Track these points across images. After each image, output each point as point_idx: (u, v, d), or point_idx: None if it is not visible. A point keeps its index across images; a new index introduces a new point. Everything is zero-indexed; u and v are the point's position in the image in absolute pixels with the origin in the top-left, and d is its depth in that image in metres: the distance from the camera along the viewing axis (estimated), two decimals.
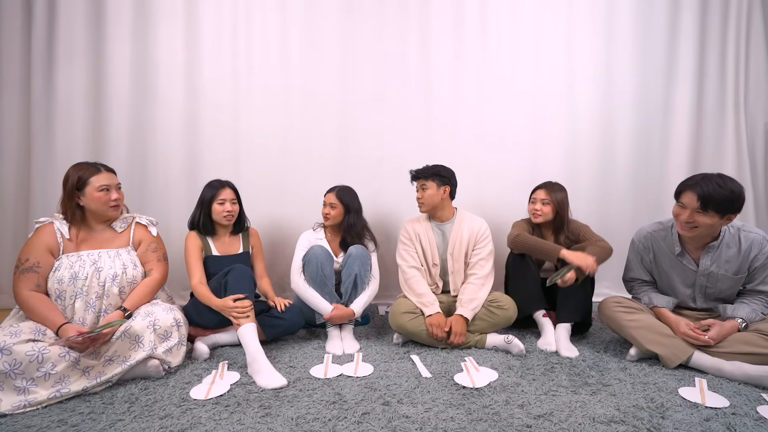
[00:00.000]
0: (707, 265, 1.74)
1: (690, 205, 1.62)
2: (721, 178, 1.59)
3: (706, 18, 2.81)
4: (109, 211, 1.73)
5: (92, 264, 1.65)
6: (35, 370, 1.40)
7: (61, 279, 1.60)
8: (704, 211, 1.58)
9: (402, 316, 1.96)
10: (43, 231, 1.65)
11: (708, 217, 1.59)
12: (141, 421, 1.32)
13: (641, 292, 1.95)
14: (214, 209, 2.03)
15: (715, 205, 1.56)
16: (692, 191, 1.61)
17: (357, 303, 2.09)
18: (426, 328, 1.94)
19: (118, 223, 1.79)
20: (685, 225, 1.65)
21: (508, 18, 2.78)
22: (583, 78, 2.80)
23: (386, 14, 2.73)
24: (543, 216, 2.16)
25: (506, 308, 1.99)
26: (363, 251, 2.13)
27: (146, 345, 1.58)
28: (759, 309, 1.73)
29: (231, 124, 2.68)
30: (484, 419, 1.32)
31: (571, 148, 2.83)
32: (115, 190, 1.74)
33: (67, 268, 1.62)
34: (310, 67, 2.71)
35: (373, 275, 2.18)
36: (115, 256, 1.72)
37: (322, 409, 1.39)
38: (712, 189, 1.56)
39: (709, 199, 1.56)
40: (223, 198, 2.03)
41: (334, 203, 2.20)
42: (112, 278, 1.67)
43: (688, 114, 2.81)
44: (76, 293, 1.61)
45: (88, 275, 1.63)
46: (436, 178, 2.13)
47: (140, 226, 1.85)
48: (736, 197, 1.56)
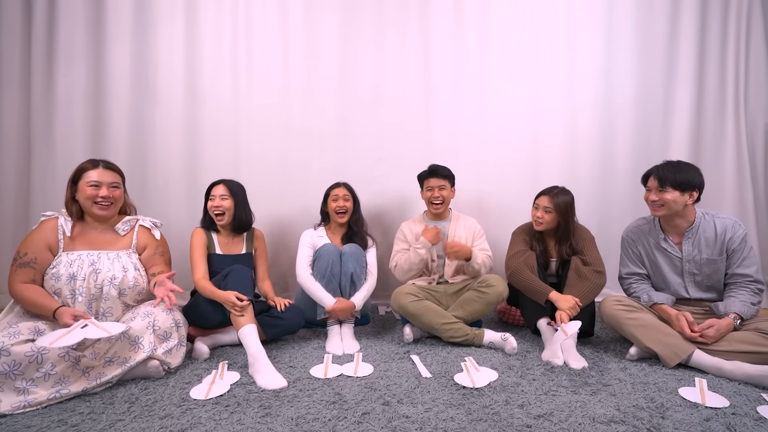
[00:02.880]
0: (690, 251, 1.88)
1: (653, 186, 1.87)
2: (676, 162, 1.87)
3: (706, 18, 2.81)
4: (94, 207, 1.67)
5: (90, 265, 1.64)
6: (35, 371, 1.39)
7: (58, 276, 1.59)
8: (663, 188, 1.82)
9: (404, 297, 2.00)
10: (46, 225, 1.64)
11: (669, 194, 1.82)
12: (141, 421, 1.31)
13: (640, 290, 1.96)
14: (208, 205, 2.08)
15: (671, 182, 1.81)
16: (652, 175, 1.89)
17: (357, 296, 2.12)
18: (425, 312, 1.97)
19: (121, 225, 1.76)
20: (653, 204, 1.87)
21: (508, 17, 2.79)
22: (583, 77, 2.81)
23: (386, 13, 2.73)
24: (545, 224, 2.11)
25: (494, 285, 2.03)
26: (356, 249, 2.15)
27: (146, 346, 1.58)
28: (747, 299, 1.77)
29: (231, 123, 2.68)
30: (484, 419, 1.32)
31: (571, 148, 2.83)
32: (107, 188, 1.68)
33: (66, 266, 1.61)
34: (309, 66, 2.71)
35: (370, 271, 2.21)
36: (115, 258, 1.70)
37: (322, 409, 1.39)
38: (666, 168, 1.84)
39: (665, 176, 1.82)
40: (213, 194, 2.07)
41: (347, 195, 2.25)
42: (110, 280, 1.65)
43: (688, 114, 2.81)
44: (73, 292, 1.61)
45: (86, 276, 1.62)
46: (450, 179, 2.25)
47: (144, 230, 1.83)
48: (689, 172, 1.81)
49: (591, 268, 2.00)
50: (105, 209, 1.69)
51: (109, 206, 1.70)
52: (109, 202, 1.69)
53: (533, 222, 2.16)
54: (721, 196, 2.82)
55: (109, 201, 1.69)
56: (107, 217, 1.73)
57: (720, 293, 1.88)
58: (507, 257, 2.15)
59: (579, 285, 1.96)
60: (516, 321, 2.33)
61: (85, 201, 1.66)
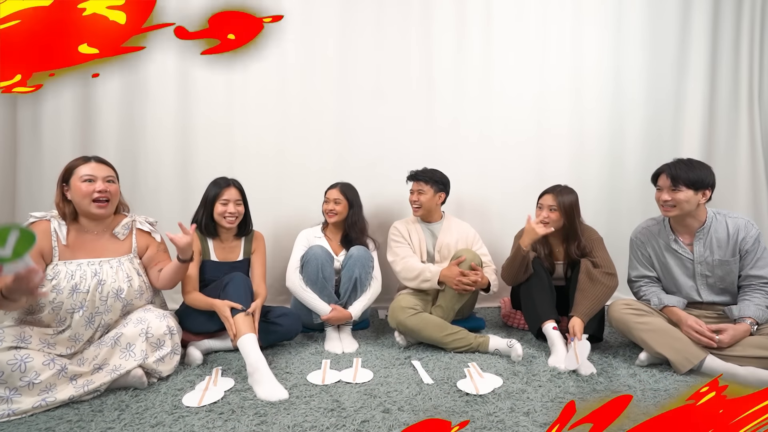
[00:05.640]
0: (701, 252, 1.83)
1: (664, 186, 1.80)
2: (688, 160, 1.81)
3: (719, 11, 2.76)
4: (92, 206, 1.55)
5: (93, 275, 1.54)
6: (18, 380, 1.34)
7: (59, 289, 1.48)
8: (676, 187, 1.76)
9: (402, 312, 1.94)
10: (37, 229, 1.52)
11: (682, 193, 1.75)
12: (131, 429, 1.28)
13: (650, 293, 1.91)
14: (216, 209, 1.92)
15: (684, 181, 1.75)
16: (663, 173, 1.82)
17: (355, 306, 2.06)
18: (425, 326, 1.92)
19: (120, 229, 1.67)
20: (665, 205, 1.81)
21: (512, 12, 2.73)
22: (591, 73, 2.75)
23: (387, 9, 2.67)
24: (551, 224, 2.05)
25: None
26: (365, 252, 2.10)
27: (137, 354, 1.52)
28: (762, 302, 1.73)
29: (225, 121, 2.60)
30: (488, 427, 1.28)
31: (578, 146, 2.78)
32: (103, 182, 1.57)
33: (67, 278, 1.50)
34: (307, 62, 2.65)
35: (375, 276, 2.15)
36: (118, 266, 1.61)
37: (320, 416, 1.35)
38: (678, 167, 1.78)
39: (678, 175, 1.76)
40: (226, 198, 1.92)
41: (338, 199, 2.17)
42: (116, 293, 1.57)
43: (700, 110, 2.76)
44: (74, 306, 1.51)
45: (90, 288, 1.52)
46: (433, 184, 2.20)
47: (142, 233, 1.74)
48: (702, 170, 1.76)
49: (602, 270, 1.96)
50: (103, 207, 1.58)
51: (107, 203, 1.59)
52: (106, 199, 1.58)
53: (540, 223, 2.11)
54: (734, 195, 2.77)
55: (106, 197, 1.58)
56: (105, 216, 1.62)
57: (734, 296, 1.83)
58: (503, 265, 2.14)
59: (591, 288, 1.92)
60: (521, 326, 2.28)
61: (81, 200, 1.55)
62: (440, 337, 1.91)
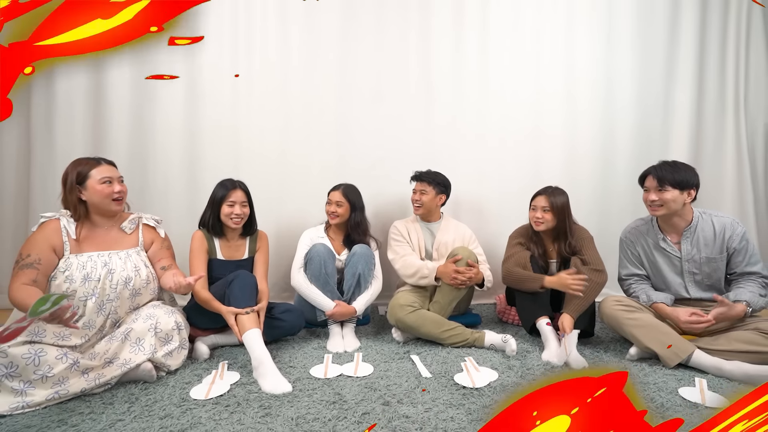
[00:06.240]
0: (689, 250, 1.89)
1: (651, 186, 1.86)
2: (672, 162, 1.88)
3: (706, 18, 2.81)
4: (112, 204, 1.66)
5: (104, 265, 1.61)
6: (32, 373, 1.38)
7: (72, 279, 1.55)
8: (662, 188, 1.82)
9: (401, 309, 1.98)
10: (48, 227, 1.59)
11: (669, 193, 1.81)
12: (141, 421, 1.31)
13: (639, 290, 1.96)
14: (223, 210, 1.96)
15: (670, 181, 1.81)
16: (650, 175, 1.88)
17: (359, 301, 2.10)
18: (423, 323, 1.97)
19: (127, 224, 1.74)
20: (652, 205, 1.87)
21: (508, 17, 2.78)
22: (583, 77, 2.81)
23: (386, 14, 2.72)
24: (545, 224, 2.11)
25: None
26: (367, 250, 2.14)
27: (147, 348, 1.57)
28: (757, 290, 1.79)
29: (231, 123, 2.65)
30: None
31: (571, 148, 2.83)
32: (118, 183, 1.68)
33: (79, 268, 1.57)
34: (309, 66, 2.69)
35: (376, 275, 2.19)
36: (126, 257, 1.68)
37: (322, 409, 1.39)
38: (664, 168, 1.85)
39: (664, 176, 1.82)
40: (233, 200, 1.96)
41: (340, 201, 2.20)
42: (125, 281, 1.63)
43: (688, 114, 2.82)
44: (87, 294, 1.57)
45: (101, 277, 1.59)
46: (435, 185, 2.26)
47: (148, 228, 1.81)
48: (686, 171, 1.83)
49: (590, 267, 2.01)
50: (120, 204, 1.71)
51: (122, 200, 1.71)
52: (122, 196, 1.70)
53: (533, 223, 2.16)
54: (721, 196, 2.82)
55: (122, 195, 1.70)
56: (120, 211, 1.74)
57: (720, 292, 1.87)
58: (502, 263, 2.18)
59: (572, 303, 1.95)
60: (515, 321, 2.33)
61: (102, 200, 1.64)
62: (438, 333, 1.96)
